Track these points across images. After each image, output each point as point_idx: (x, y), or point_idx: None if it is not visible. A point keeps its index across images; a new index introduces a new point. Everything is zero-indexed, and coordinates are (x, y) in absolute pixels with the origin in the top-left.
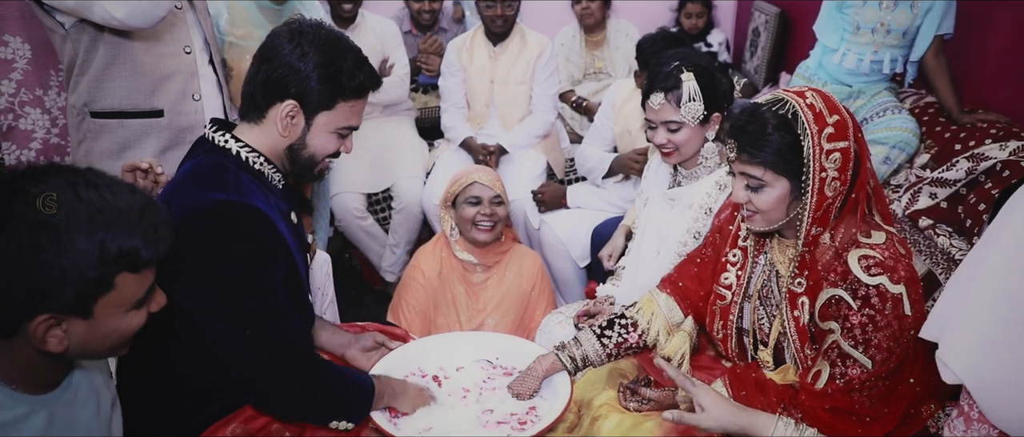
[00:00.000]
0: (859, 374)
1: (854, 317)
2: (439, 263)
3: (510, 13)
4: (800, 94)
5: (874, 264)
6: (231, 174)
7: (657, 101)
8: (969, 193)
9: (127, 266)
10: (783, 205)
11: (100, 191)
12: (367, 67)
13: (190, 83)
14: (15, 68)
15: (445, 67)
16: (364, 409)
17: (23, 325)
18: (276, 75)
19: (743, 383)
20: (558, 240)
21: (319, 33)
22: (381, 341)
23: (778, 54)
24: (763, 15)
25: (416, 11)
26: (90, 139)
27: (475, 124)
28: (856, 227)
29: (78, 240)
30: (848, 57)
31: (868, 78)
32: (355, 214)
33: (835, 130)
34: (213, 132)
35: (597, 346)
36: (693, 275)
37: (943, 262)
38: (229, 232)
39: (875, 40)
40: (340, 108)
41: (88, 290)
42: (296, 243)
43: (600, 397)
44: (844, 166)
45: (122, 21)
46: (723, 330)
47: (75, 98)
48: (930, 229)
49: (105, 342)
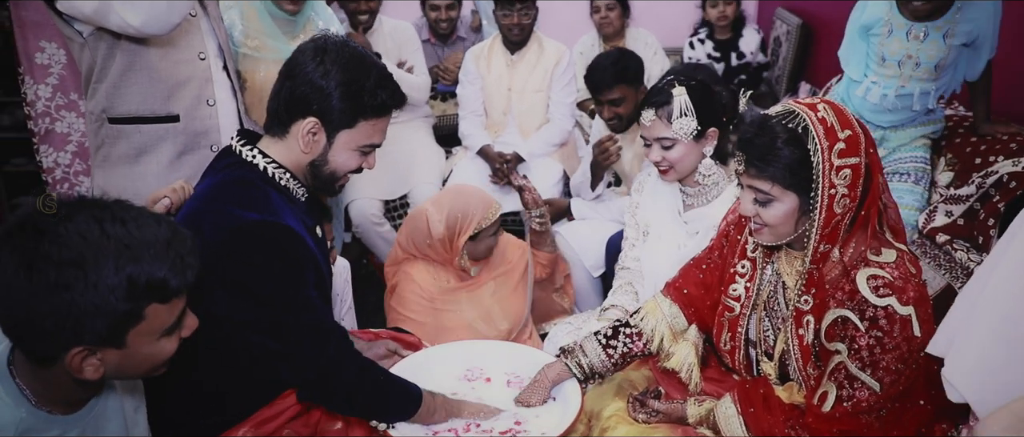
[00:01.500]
0: (867, 397)
1: (861, 339)
2: (432, 273)
3: (527, 21)
4: (812, 107)
5: (883, 284)
6: (260, 192)
7: (648, 117)
8: (981, 208)
9: (156, 297)
10: (791, 220)
11: (127, 225)
12: (391, 86)
13: (205, 89)
14: (51, 73)
15: (463, 75)
16: (410, 411)
17: (60, 356)
18: (299, 92)
19: (751, 399)
20: (572, 250)
21: (343, 51)
22: (394, 349)
23: (800, 65)
24: (785, 25)
25: (434, 20)
26: (108, 144)
27: (493, 132)
28: (866, 244)
29: (106, 275)
30: (872, 91)
31: (895, 116)
32: (373, 220)
33: (846, 145)
34: (240, 145)
35: (602, 356)
36: (698, 281)
37: (962, 277)
38: (266, 251)
39: (903, 73)
40: (362, 126)
41: (119, 322)
42: (322, 256)
43: (609, 408)
44: (854, 182)
45: (138, 28)
46: (731, 342)
47: (93, 104)
48: (948, 244)
49: (140, 367)
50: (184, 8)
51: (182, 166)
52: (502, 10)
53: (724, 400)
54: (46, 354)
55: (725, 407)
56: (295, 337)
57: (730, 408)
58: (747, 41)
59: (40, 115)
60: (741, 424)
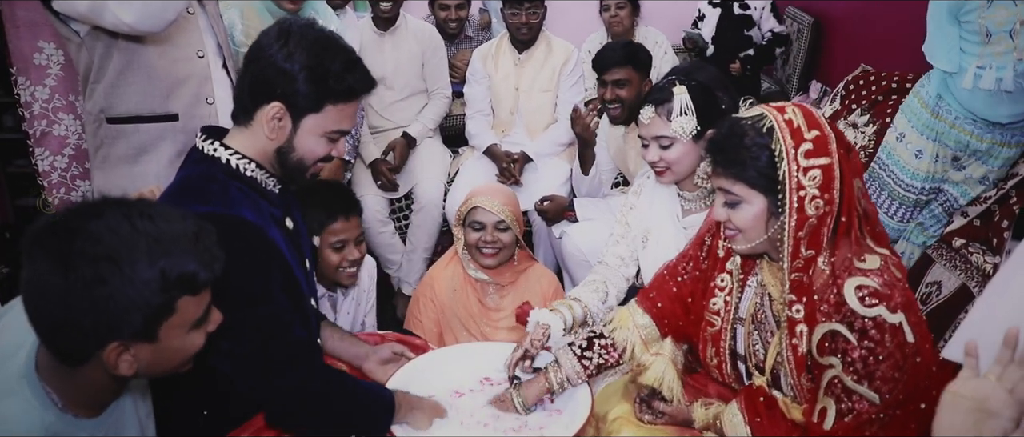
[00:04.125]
0: (868, 408)
1: (854, 352)
2: (454, 280)
3: (535, 21)
4: (780, 109)
5: (869, 293)
6: (218, 184)
7: (647, 115)
8: (998, 209)
9: (187, 289)
10: (761, 222)
11: (155, 221)
12: (359, 70)
13: (203, 87)
14: (49, 74)
15: (470, 74)
16: (384, 423)
17: (95, 354)
18: (262, 76)
19: (758, 408)
20: (579, 250)
21: (307, 33)
22: (399, 352)
23: (811, 63)
24: (796, 23)
25: (442, 19)
26: (107, 145)
27: (500, 131)
28: (851, 251)
29: (140, 270)
30: (984, 77)
31: (1020, 105)
32: (378, 218)
33: (814, 146)
34: (202, 141)
35: (578, 368)
36: (672, 294)
37: (978, 278)
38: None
39: (1018, 45)
40: (328, 111)
41: (153, 315)
42: (291, 249)
43: (615, 410)
44: (826, 184)
45: (132, 26)
46: (716, 357)
47: (91, 105)
48: (964, 248)
49: (170, 362)
50: (179, 6)
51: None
52: (510, 9)
53: (731, 406)
54: (82, 352)
55: (732, 414)
56: (249, 337)
57: (737, 416)
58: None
59: (37, 117)
60: (747, 432)
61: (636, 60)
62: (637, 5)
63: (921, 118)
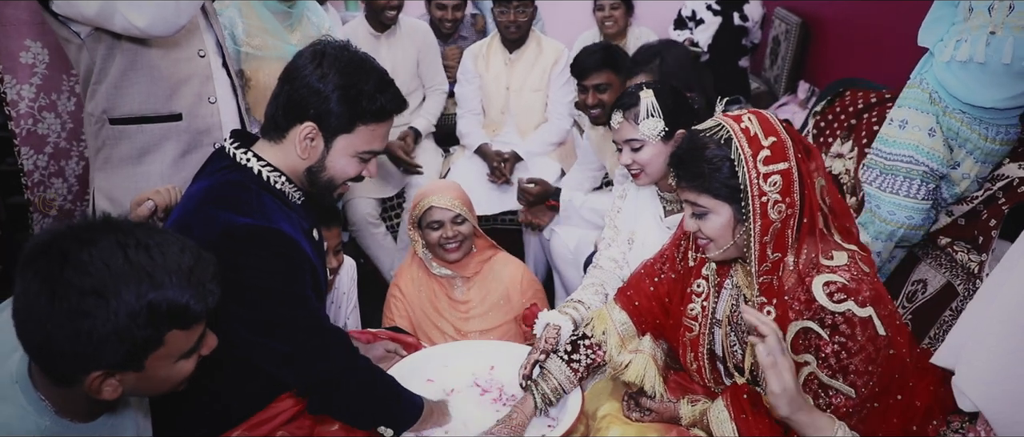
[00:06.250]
0: (845, 402)
1: (826, 347)
2: (418, 280)
3: (523, 20)
4: (737, 119)
5: (837, 289)
6: (253, 196)
7: (616, 120)
8: (984, 209)
9: (177, 324)
10: (729, 231)
11: (150, 252)
12: (391, 90)
13: (205, 86)
14: (35, 73)
15: (461, 74)
16: (412, 417)
17: (78, 378)
18: (297, 96)
19: (743, 406)
20: (567, 249)
21: (342, 55)
22: (393, 350)
23: (799, 64)
24: (784, 24)
25: (439, 19)
26: (109, 146)
27: (490, 131)
28: (816, 250)
29: (127, 303)
30: (961, 49)
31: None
32: (369, 220)
33: (772, 152)
34: (234, 147)
35: (568, 372)
36: (649, 294)
37: (963, 277)
38: (259, 253)
39: (994, 20)
40: (360, 131)
41: (138, 348)
42: (318, 260)
43: (603, 408)
44: (787, 188)
45: (143, 30)
46: (696, 361)
47: (93, 106)
48: (949, 246)
49: (158, 388)
50: (192, 9)
51: (186, 165)
52: (499, 7)
53: (717, 403)
54: (64, 377)
55: (718, 411)
56: (295, 335)
57: (723, 413)
58: (752, 8)
59: (23, 116)
60: (733, 429)
61: (615, 63)
62: (631, 5)
63: (920, 100)
